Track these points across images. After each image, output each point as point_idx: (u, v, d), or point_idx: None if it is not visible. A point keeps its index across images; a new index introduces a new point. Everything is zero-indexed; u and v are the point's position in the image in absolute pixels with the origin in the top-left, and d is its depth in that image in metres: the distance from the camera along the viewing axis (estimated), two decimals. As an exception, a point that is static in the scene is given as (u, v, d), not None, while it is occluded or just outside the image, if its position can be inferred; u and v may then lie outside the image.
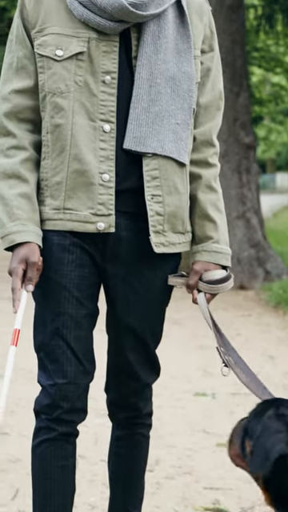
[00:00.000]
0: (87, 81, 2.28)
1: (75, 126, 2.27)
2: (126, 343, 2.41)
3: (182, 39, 2.33)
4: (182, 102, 2.32)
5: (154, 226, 2.30)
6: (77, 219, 2.29)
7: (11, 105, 2.34)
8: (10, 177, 2.31)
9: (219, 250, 2.39)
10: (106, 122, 2.28)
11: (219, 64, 2.45)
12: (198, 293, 2.37)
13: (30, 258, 2.26)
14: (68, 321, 2.31)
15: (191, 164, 2.39)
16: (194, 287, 2.37)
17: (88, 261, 2.33)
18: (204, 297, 2.36)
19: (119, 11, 2.23)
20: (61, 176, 2.30)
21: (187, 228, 2.39)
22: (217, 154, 2.45)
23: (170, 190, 2.31)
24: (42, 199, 2.34)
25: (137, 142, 2.29)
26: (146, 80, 2.29)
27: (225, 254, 2.39)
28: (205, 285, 2.36)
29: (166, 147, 2.30)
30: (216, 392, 4.87)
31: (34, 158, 2.34)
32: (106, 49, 2.28)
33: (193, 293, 2.37)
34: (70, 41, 2.27)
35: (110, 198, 2.28)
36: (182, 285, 2.38)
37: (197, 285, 2.37)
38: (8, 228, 2.28)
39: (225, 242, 2.41)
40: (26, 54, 2.33)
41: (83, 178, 2.28)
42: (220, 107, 2.45)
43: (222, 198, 2.45)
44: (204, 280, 2.37)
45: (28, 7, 2.31)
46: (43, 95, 2.31)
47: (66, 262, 2.31)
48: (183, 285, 2.38)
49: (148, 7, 2.27)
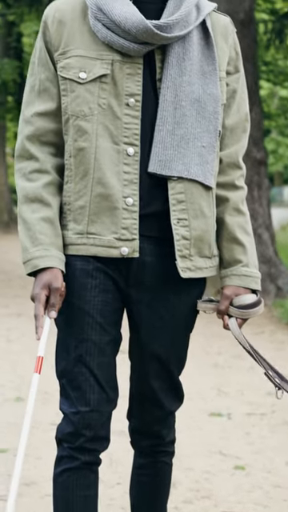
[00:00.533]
0: (111, 103, 2.24)
1: (99, 149, 2.24)
2: (150, 370, 2.36)
3: (207, 61, 2.30)
4: (208, 125, 2.28)
5: (181, 251, 2.26)
6: (100, 244, 2.25)
7: (34, 128, 2.30)
8: (33, 201, 2.28)
9: (249, 274, 2.35)
10: (129, 145, 2.24)
11: (244, 85, 2.42)
12: (229, 318, 2.33)
13: (52, 284, 2.22)
14: (91, 347, 2.26)
15: (218, 187, 2.35)
16: (225, 313, 2.33)
17: (111, 286, 2.29)
18: (236, 322, 2.32)
19: (144, 33, 2.20)
20: (84, 200, 2.26)
21: (214, 252, 2.35)
22: (243, 176, 2.41)
23: (196, 213, 2.27)
24: (64, 223, 2.30)
25: (162, 166, 2.25)
26: (170, 102, 2.25)
27: (254, 278, 2.35)
28: (236, 310, 2.32)
29: (191, 170, 2.26)
30: (231, 412, 4.81)
31: (56, 181, 2.30)
32: (129, 71, 2.24)
33: (224, 318, 2.33)
34: (93, 63, 2.24)
35: (134, 223, 2.24)
36: (213, 310, 2.34)
37: (228, 310, 2.32)
38: (31, 253, 2.24)
39: (254, 266, 2.37)
40: (49, 76, 2.29)
41: (107, 202, 2.24)
42: (246, 129, 2.41)
43: (250, 221, 2.41)
44: (235, 305, 2.32)
45: (51, 29, 2.28)
46: (66, 118, 2.28)
47: (90, 287, 2.27)
48: (213, 310, 2.34)
49: (173, 29, 2.23)
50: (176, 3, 2.26)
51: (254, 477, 3.82)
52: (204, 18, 2.30)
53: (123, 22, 2.20)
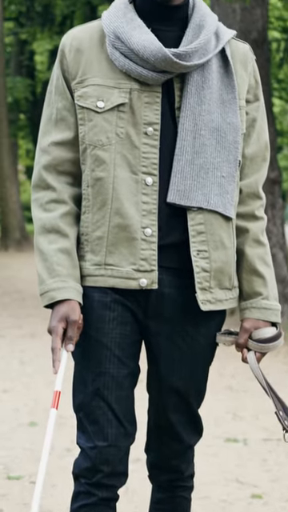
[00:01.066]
0: (129, 132, 2.21)
1: (117, 179, 2.20)
2: (168, 403, 2.31)
3: (226, 89, 2.26)
4: (228, 154, 2.25)
5: (201, 283, 2.22)
6: (118, 275, 2.22)
7: (50, 157, 2.27)
8: (50, 231, 2.24)
9: (269, 307, 2.30)
10: (148, 174, 2.21)
11: (264, 114, 2.38)
12: (248, 351, 2.28)
13: (70, 317, 2.18)
14: (109, 381, 2.22)
15: (237, 217, 2.31)
16: (244, 346, 2.28)
17: (130, 318, 2.25)
18: (254, 356, 2.27)
19: (162, 62, 2.17)
20: (102, 231, 2.22)
21: (234, 283, 2.31)
22: (263, 206, 2.37)
23: (216, 245, 2.23)
24: (82, 254, 2.26)
25: (181, 196, 2.21)
26: (189, 131, 2.22)
27: (274, 311, 2.31)
28: (255, 344, 2.27)
29: (211, 201, 2.22)
30: (247, 438, 4.75)
31: (74, 211, 2.27)
32: (148, 100, 2.21)
33: (242, 352, 2.28)
34: (111, 92, 2.21)
35: (153, 254, 2.20)
36: (231, 343, 2.30)
37: (247, 343, 2.28)
38: (48, 285, 2.21)
39: (274, 298, 2.32)
40: (66, 105, 2.26)
41: (125, 233, 2.20)
42: (266, 158, 2.37)
43: (270, 252, 2.37)
44: (254, 338, 2.28)
45: (68, 58, 2.25)
46: (84, 148, 2.24)
47: (107, 319, 2.23)
48: (232, 343, 2.30)
49: (192, 57, 2.20)
50: (195, 31, 2.23)
51: (272, 506, 3.76)
52: (223, 45, 2.27)
53: (141, 51, 2.17)
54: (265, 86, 8.32)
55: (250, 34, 8.25)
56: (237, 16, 8.30)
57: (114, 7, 2.28)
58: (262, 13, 8.41)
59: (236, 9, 8.29)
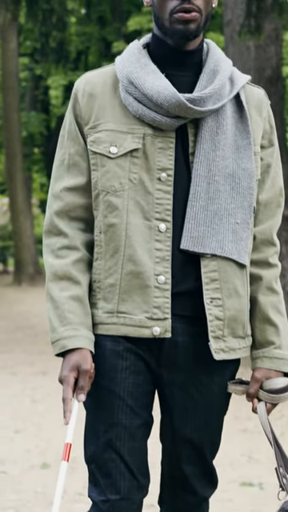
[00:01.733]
0: (142, 178, 2.18)
1: (130, 225, 2.17)
2: (182, 455, 2.26)
3: (241, 135, 2.23)
4: (242, 200, 2.21)
5: (214, 332, 2.17)
6: (131, 323, 2.17)
7: (63, 203, 2.24)
8: (62, 278, 2.20)
9: (281, 356, 2.25)
10: (161, 221, 2.17)
11: (279, 159, 2.35)
12: (259, 402, 2.23)
13: (81, 366, 2.13)
14: (121, 432, 2.17)
15: (251, 264, 2.27)
16: (255, 396, 2.23)
17: (142, 367, 2.20)
18: (265, 407, 2.22)
19: (176, 107, 2.14)
20: (114, 278, 2.18)
21: (247, 332, 2.26)
22: (277, 254, 2.33)
23: (230, 292, 2.19)
24: (94, 302, 2.22)
25: (195, 242, 2.17)
26: (203, 177, 2.18)
27: (287, 361, 2.25)
28: (266, 394, 2.22)
29: (225, 248, 2.18)
30: (263, 482, 4.67)
31: (86, 258, 2.23)
32: (161, 145, 2.18)
33: (253, 402, 2.23)
34: (124, 137, 2.18)
35: (166, 301, 2.16)
36: (242, 393, 2.25)
37: (257, 393, 2.23)
38: (59, 333, 2.17)
39: (287, 347, 2.27)
40: (79, 150, 2.23)
41: (138, 280, 2.16)
42: (280, 204, 2.33)
43: (283, 300, 2.32)
44: (265, 389, 2.23)
45: (81, 103, 2.23)
46: (96, 193, 2.21)
47: (120, 368, 2.19)
48: (243, 393, 2.25)
49: (206, 103, 2.17)
50: (209, 76, 2.20)
51: None
52: (238, 90, 2.24)
53: (155, 96, 2.14)
54: (279, 122, 8.31)
55: (264, 71, 8.26)
56: (251, 54, 8.31)
57: (127, 52, 2.26)
58: (276, 50, 8.42)
59: (250, 46, 8.31)
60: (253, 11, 7.53)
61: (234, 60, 8.31)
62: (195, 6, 2.14)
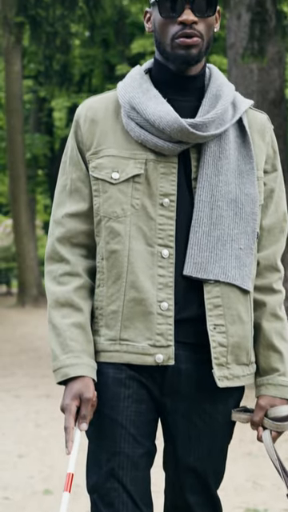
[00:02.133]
0: (144, 204, 2.16)
1: (132, 251, 2.15)
2: (185, 484, 2.23)
3: (244, 160, 2.21)
4: (245, 226, 2.19)
5: (217, 359, 2.15)
6: (134, 351, 2.15)
7: (64, 229, 2.22)
8: (63, 305, 2.18)
9: (286, 384, 2.22)
10: (164, 246, 2.15)
11: (282, 184, 2.33)
12: (264, 430, 2.20)
13: (84, 394, 2.10)
14: (124, 461, 2.14)
15: (254, 290, 2.24)
16: (259, 424, 2.20)
17: (145, 395, 2.17)
18: (270, 435, 2.19)
19: (178, 132, 2.12)
20: (117, 305, 2.16)
21: (252, 359, 2.23)
22: (281, 279, 2.31)
23: (233, 319, 2.16)
24: (96, 329, 2.20)
25: (198, 268, 2.15)
26: (206, 203, 2.17)
27: None
28: (271, 422, 2.19)
29: (228, 274, 2.16)
30: (268, 508, 4.61)
31: (88, 285, 2.21)
32: (164, 170, 2.17)
33: (258, 430, 2.20)
34: (126, 163, 2.16)
35: (169, 328, 2.14)
36: (247, 421, 2.22)
37: (262, 421, 2.20)
38: (61, 361, 2.14)
39: None
40: (81, 176, 2.22)
41: (141, 307, 2.14)
42: (284, 229, 2.31)
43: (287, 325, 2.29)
44: (270, 416, 2.20)
45: (83, 129, 2.21)
46: (98, 219, 2.19)
47: (122, 397, 2.16)
48: (248, 421, 2.22)
49: (208, 128, 2.16)
50: (211, 101, 2.19)
51: None
52: (240, 115, 2.22)
53: (157, 121, 2.13)
54: (282, 145, 8.31)
55: (267, 93, 8.27)
56: (254, 76, 8.32)
57: (129, 78, 2.25)
58: (279, 73, 8.43)
59: (253, 69, 8.32)
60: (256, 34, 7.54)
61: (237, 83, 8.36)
62: (197, 31, 2.13)
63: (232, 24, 8.49)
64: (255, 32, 7.54)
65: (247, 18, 7.91)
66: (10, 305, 21.13)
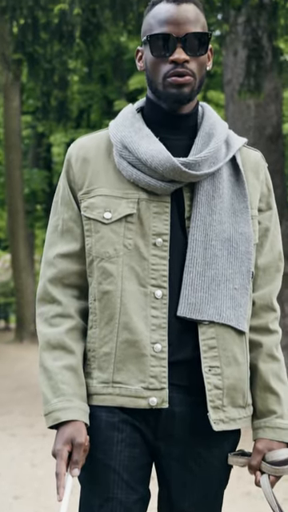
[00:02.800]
0: (137, 244, 2.13)
1: (125, 292, 2.11)
2: (180, 530, 2.17)
3: (238, 198, 2.18)
4: (240, 265, 2.15)
5: (213, 401, 2.10)
6: (127, 394, 2.10)
7: (56, 270, 2.19)
8: (55, 347, 2.14)
9: (284, 426, 2.17)
10: (157, 287, 2.11)
11: (277, 222, 2.30)
12: (261, 474, 2.14)
13: (76, 439, 2.06)
14: (117, 507, 2.09)
15: (250, 331, 2.21)
16: (257, 468, 2.15)
17: (139, 439, 2.12)
18: (268, 479, 2.13)
19: (171, 171, 2.10)
20: (109, 346, 2.12)
21: (248, 401, 2.18)
22: (277, 319, 2.27)
23: (228, 360, 2.12)
24: (88, 371, 2.16)
25: (192, 309, 2.11)
26: (200, 242, 2.13)
27: None
28: (269, 466, 2.13)
29: (223, 314, 2.12)
30: None
31: (80, 326, 2.17)
32: (157, 210, 2.13)
33: (255, 474, 2.15)
34: (118, 202, 2.13)
35: (163, 371, 2.09)
36: (244, 465, 2.16)
37: (259, 466, 2.14)
38: (52, 404, 2.09)
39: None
40: (72, 216, 2.19)
41: (134, 349, 2.10)
42: (280, 268, 2.28)
43: (285, 366, 2.25)
44: (267, 460, 2.14)
45: (74, 168, 2.19)
46: (90, 260, 2.16)
47: (115, 441, 2.11)
48: (245, 465, 2.16)
49: (201, 166, 2.13)
50: (204, 140, 2.17)
51: None
52: (234, 153, 2.20)
53: (149, 160, 2.10)
54: (280, 180, 8.31)
55: (264, 129, 8.28)
56: (251, 112, 8.34)
57: (121, 116, 2.22)
58: (276, 108, 8.45)
59: (250, 105, 8.34)
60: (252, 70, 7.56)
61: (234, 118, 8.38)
62: (189, 70, 2.11)
63: (229, 60, 8.52)
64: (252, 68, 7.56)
65: (243, 54, 7.94)
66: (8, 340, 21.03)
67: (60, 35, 8.02)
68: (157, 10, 2.15)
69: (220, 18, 7.59)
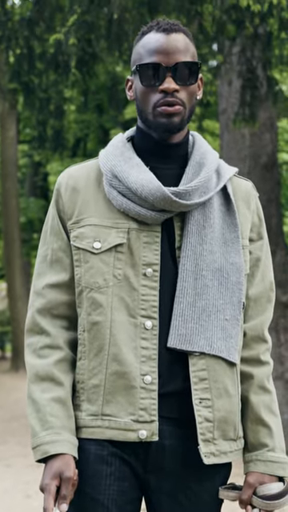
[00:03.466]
0: (127, 274, 2.10)
1: (114, 323, 2.08)
2: None
3: (228, 228, 2.16)
4: (231, 296, 2.13)
5: (203, 434, 2.07)
6: (116, 427, 2.07)
7: (45, 300, 2.16)
8: (43, 379, 2.11)
9: (275, 460, 2.14)
10: (147, 318, 2.09)
11: (268, 252, 2.27)
12: (252, 509, 2.11)
13: (64, 473, 2.02)
14: None
15: (241, 362, 2.18)
16: (248, 503, 2.11)
17: (128, 473, 2.09)
18: (259, 514, 2.10)
19: (161, 201, 2.08)
20: (99, 378, 2.09)
21: (239, 434, 2.15)
22: (269, 350, 2.24)
23: (219, 392, 2.09)
24: (77, 403, 2.12)
25: (182, 340, 2.08)
26: (191, 272, 2.11)
27: (282, 464, 2.14)
28: (260, 500, 2.10)
29: (214, 345, 2.09)
30: None
31: (69, 357, 2.14)
32: (147, 240, 2.11)
33: (246, 509, 2.11)
34: (108, 232, 2.11)
35: (153, 403, 2.06)
36: (235, 499, 2.13)
37: (250, 500, 2.11)
38: (40, 437, 2.06)
39: (281, 450, 2.16)
40: (62, 246, 2.17)
41: (123, 381, 2.06)
42: (271, 299, 2.25)
43: (276, 398, 2.22)
44: (258, 494, 2.11)
45: (64, 197, 2.17)
46: (80, 290, 2.13)
47: (104, 474, 2.07)
48: (236, 499, 2.13)
49: (192, 196, 2.11)
50: (195, 169, 2.15)
51: None
52: (225, 183, 2.18)
53: (140, 190, 2.08)
54: (275, 209, 8.30)
55: (259, 158, 8.28)
56: (246, 141, 8.34)
57: (111, 146, 2.21)
58: (271, 137, 8.46)
59: (245, 134, 8.34)
60: (247, 100, 7.58)
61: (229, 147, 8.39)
62: (178, 100, 2.10)
63: (223, 90, 8.55)
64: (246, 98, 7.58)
65: (238, 84, 7.96)
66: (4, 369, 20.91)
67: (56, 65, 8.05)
68: (146, 40, 2.14)
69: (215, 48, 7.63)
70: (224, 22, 6.83)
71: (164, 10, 6.93)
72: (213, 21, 6.78)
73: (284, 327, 8.29)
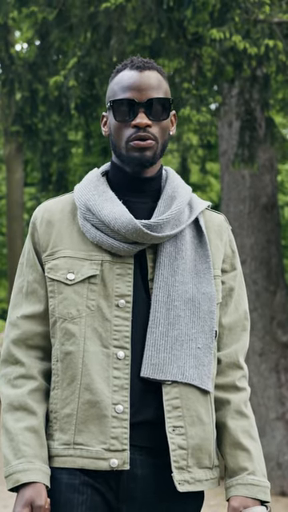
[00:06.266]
0: (100, 305, 2.14)
1: (87, 353, 2.12)
2: None
3: (200, 259, 2.21)
4: (203, 325, 2.16)
5: (177, 462, 2.09)
6: (88, 455, 2.09)
7: (20, 331, 2.20)
8: (17, 409, 2.14)
9: (256, 483, 2.14)
10: (119, 348, 2.12)
11: (242, 283, 2.31)
12: None
13: (35, 501, 2.04)
14: None
15: (217, 389, 2.20)
16: None
17: (100, 502, 2.11)
18: (244, 540, 2.10)
19: (133, 233, 2.13)
20: (71, 408, 2.12)
21: (215, 462, 2.17)
22: (245, 378, 2.26)
23: (193, 420, 2.11)
24: (50, 433, 2.15)
25: (155, 370, 2.11)
26: (163, 303, 2.15)
27: (263, 488, 2.15)
28: None
29: (186, 374, 2.12)
30: None
31: (43, 387, 2.17)
32: (120, 271, 2.16)
33: None
34: (82, 264, 2.16)
35: (124, 432, 2.09)
36: None
37: None
38: (13, 466, 2.08)
39: (262, 474, 2.17)
40: (37, 277, 2.21)
41: (95, 410, 2.09)
42: (246, 328, 2.28)
43: (255, 424, 2.23)
44: None
45: (39, 230, 2.22)
46: (53, 321, 2.17)
47: (76, 503, 2.09)
48: None
49: (163, 228, 2.16)
50: (167, 202, 2.20)
51: None
52: (196, 216, 2.23)
53: (112, 222, 2.13)
54: (275, 249, 8.34)
55: (259, 199, 8.35)
56: (246, 182, 8.41)
57: (86, 180, 2.27)
58: (271, 179, 8.53)
59: (245, 175, 8.41)
60: (246, 141, 7.66)
61: (229, 188, 8.46)
62: (151, 134, 2.16)
63: (224, 131, 8.65)
64: (245, 139, 7.66)
65: (238, 125, 8.06)
66: None
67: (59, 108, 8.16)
68: (120, 77, 2.20)
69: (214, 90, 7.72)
70: (222, 64, 6.94)
71: (166, 53, 7.02)
72: (211, 63, 6.89)
73: (284, 368, 8.28)
